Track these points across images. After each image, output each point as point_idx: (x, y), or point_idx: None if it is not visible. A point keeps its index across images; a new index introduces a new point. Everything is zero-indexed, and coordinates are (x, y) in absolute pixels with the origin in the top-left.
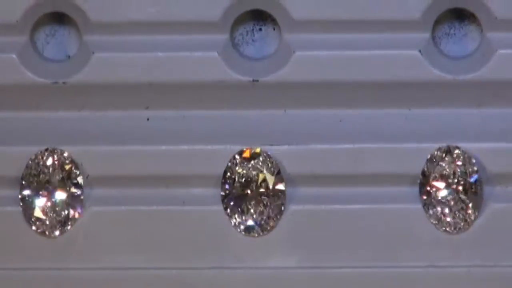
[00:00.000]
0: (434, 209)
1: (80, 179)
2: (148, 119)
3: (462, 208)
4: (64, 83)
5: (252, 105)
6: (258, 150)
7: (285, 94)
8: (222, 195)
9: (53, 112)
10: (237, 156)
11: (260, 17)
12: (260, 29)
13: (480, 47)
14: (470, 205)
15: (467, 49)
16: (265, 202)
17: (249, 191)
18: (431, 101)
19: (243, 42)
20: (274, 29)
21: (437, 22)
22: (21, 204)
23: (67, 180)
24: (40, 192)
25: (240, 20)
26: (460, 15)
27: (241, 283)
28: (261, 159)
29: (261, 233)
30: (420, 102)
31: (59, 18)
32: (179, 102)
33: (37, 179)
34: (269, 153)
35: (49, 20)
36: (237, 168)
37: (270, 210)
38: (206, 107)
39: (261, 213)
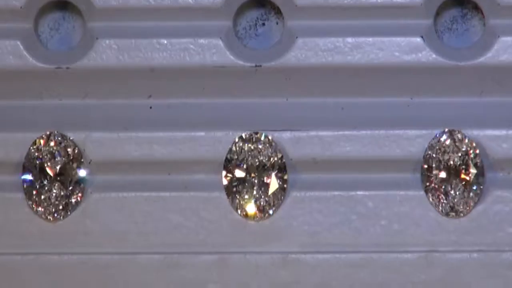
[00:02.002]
0: (436, 195)
1: (82, 165)
2: (150, 107)
3: (463, 194)
4: (67, 68)
5: (255, 91)
6: (260, 135)
7: (288, 80)
8: (224, 181)
9: (56, 98)
10: (239, 142)
11: (263, 5)
12: (263, 24)
13: (483, 34)
14: (472, 191)
15: (469, 42)
16: (266, 188)
17: (250, 177)
18: (433, 88)
19: (246, 36)
20: (277, 23)
21: (440, 13)
22: (23, 189)
23: (69, 165)
24: (42, 177)
25: (243, 10)
26: (462, 3)
27: (242, 268)
28: (263, 144)
29: (262, 219)
30: (423, 89)
31: (63, 5)
32: (182, 88)
33: (38, 164)
34: (270, 137)
35: (53, 6)
36: (239, 153)
37: (272, 196)
38: (209, 94)
39: (263, 198)
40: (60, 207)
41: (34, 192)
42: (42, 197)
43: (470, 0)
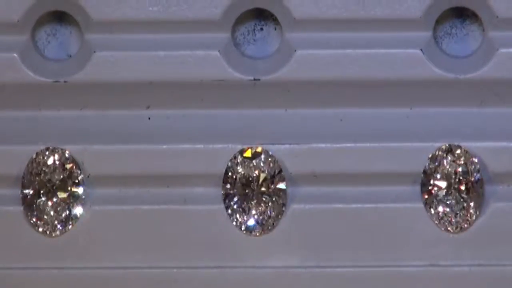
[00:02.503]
0: (436, 208)
1: (81, 178)
2: (149, 118)
3: (463, 207)
4: (65, 82)
5: (253, 104)
6: (259, 149)
7: (286, 93)
8: (223, 194)
9: (54, 111)
10: (238, 155)
11: (261, 16)
12: (262, 29)
13: (481, 46)
14: (472, 204)
15: (469, 48)
16: (266, 201)
17: (250, 190)
18: (432, 100)
19: (244, 41)
20: (275, 28)
21: (439, 21)
22: (22, 203)
23: (68, 179)
24: (41, 192)
25: (242, 20)
26: (462, 14)
27: (242, 282)
28: (262, 158)
29: (262, 233)
30: (422, 101)
31: (60, 17)
32: (180, 101)
33: (38, 178)
34: (270, 152)
35: (50, 19)
36: (238, 167)
37: (271, 210)
38: (207, 106)
39: (262, 212)
40: (59, 221)
41: (33, 206)
42: (41, 211)
43: (469, 12)
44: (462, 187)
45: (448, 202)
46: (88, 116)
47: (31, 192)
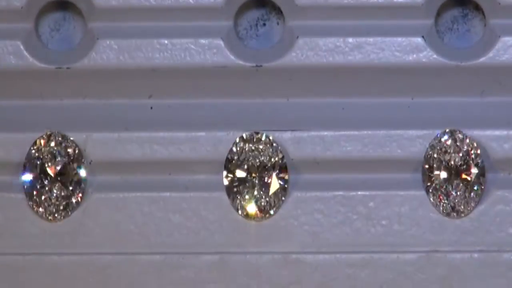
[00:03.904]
0: (437, 195)
1: (83, 165)
2: (151, 107)
3: (464, 194)
4: (68, 68)
5: (256, 91)
6: (261, 136)
7: (289, 80)
8: (225, 181)
9: (57, 98)
10: (240, 142)
11: (264, 7)
12: (264, 24)
13: (483, 34)
14: (473, 191)
15: (470, 44)
16: (268, 188)
17: (252, 177)
18: (434, 88)
19: (247, 36)
20: (278, 23)
21: (440, 14)
22: (24, 189)
23: (70, 166)
24: (43, 178)
25: (245, 10)
26: (463, 3)
27: (243, 268)
28: (264, 144)
29: (263, 219)
30: (423, 89)
31: (64, 5)
32: (183, 88)
33: (39, 164)
34: (271, 138)
35: (54, 7)
36: (240, 154)
37: (273, 196)
38: (210, 94)
39: (264, 198)
40: (61, 207)
41: (35, 193)
42: (43, 197)
43: (471, 3)
44: (464, 175)
45: (449, 189)
46: (91, 104)
47: (33, 178)
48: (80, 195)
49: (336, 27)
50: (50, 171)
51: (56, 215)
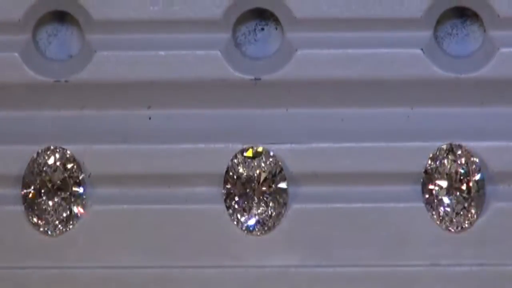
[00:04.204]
0: (437, 208)
1: (82, 178)
2: (150, 118)
3: (464, 207)
4: (66, 81)
5: (254, 103)
6: (260, 148)
7: (287, 92)
8: (224, 194)
9: (55, 110)
10: (239, 155)
11: (262, 16)
12: (263, 29)
13: (482, 46)
14: (473, 204)
15: (469, 49)
16: (267, 201)
17: (251, 190)
18: (433, 100)
19: (245, 41)
20: (276, 28)
21: (439, 22)
22: (23, 203)
23: (69, 179)
24: (42, 191)
25: (242, 20)
26: (462, 14)
27: (243, 282)
28: (263, 157)
29: (263, 232)
30: (423, 101)
31: (61, 17)
32: (181, 100)
33: (39, 178)
34: (271, 152)
35: (51, 19)
36: (239, 166)
37: (272, 209)
38: (208, 106)
39: (263, 212)
40: (60, 220)
41: (34, 206)
42: (42, 210)
43: (470, 12)
44: (463, 187)
45: (449, 202)
46: (89, 116)
47: (32, 191)
48: (80, 208)
49: (335, 40)
50: (50, 185)
51: (55, 228)
